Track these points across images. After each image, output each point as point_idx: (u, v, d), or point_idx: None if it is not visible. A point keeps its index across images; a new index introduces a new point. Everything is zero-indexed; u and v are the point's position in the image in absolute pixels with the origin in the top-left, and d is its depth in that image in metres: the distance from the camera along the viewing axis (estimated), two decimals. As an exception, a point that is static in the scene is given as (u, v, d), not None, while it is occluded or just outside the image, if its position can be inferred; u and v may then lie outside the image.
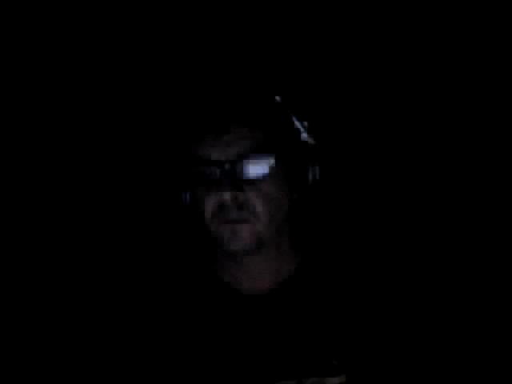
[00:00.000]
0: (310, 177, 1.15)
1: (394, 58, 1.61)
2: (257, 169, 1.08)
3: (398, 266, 1.20)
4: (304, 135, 1.15)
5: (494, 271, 1.57)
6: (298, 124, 1.15)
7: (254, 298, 1.14)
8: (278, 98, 1.14)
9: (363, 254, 1.20)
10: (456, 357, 1.20)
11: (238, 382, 1.09)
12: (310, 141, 1.16)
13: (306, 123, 1.16)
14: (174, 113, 1.17)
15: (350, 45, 1.61)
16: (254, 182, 1.08)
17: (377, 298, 1.15)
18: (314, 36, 1.60)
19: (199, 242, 1.21)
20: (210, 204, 1.09)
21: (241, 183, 1.07)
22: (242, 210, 1.08)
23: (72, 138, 1.64)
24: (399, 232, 1.58)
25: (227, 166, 1.07)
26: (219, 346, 1.12)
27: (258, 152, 1.07)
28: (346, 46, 1.61)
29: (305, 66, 1.59)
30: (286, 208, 1.12)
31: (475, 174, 1.60)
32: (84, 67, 1.63)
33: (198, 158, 1.09)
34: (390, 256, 1.22)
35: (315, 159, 1.15)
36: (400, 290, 1.17)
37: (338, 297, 1.15)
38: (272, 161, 1.08)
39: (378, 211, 1.61)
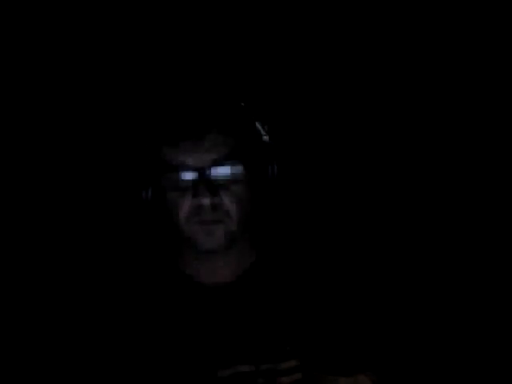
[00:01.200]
0: (269, 174, 1.22)
1: (349, 58, 1.67)
2: (229, 173, 1.14)
3: (348, 256, 1.28)
4: (265, 137, 1.21)
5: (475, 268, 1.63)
6: (259, 128, 1.21)
7: (213, 289, 1.20)
8: (242, 104, 1.20)
9: (315, 249, 1.27)
10: (396, 337, 1.27)
11: (197, 368, 1.15)
12: (270, 142, 1.22)
13: (266, 126, 1.22)
14: (149, 118, 1.20)
15: (304, 50, 1.67)
16: (226, 186, 1.15)
17: (326, 287, 1.23)
18: (271, 41, 1.66)
19: (164, 241, 1.26)
20: (185, 207, 1.15)
21: (216, 187, 1.14)
22: (216, 212, 1.14)
23: (49, 141, 1.66)
24: (353, 225, 1.66)
25: (204, 172, 1.13)
26: (179, 334, 1.17)
27: (230, 158, 1.14)
28: (301, 51, 1.67)
29: (265, 71, 1.65)
30: (250, 209, 1.19)
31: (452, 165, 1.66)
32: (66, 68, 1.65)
33: (174, 164, 1.14)
34: (339, 249, 1.29)
35: (273, 157, 1.22)
36: (344, 281, 1.25)
37: (291, 288, 1.22)
38: (242, 165, 1.15)
39: (331, 207, 1.68)
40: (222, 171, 1.14)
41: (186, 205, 1.14)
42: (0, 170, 1.64)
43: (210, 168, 1.13)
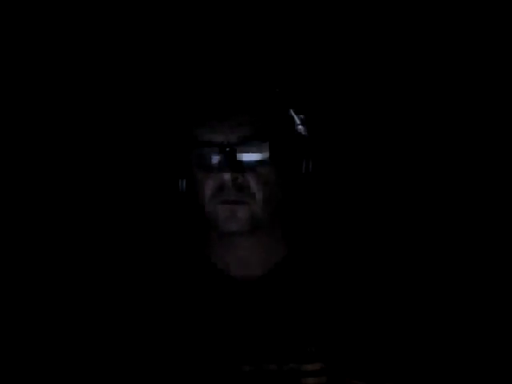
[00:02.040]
0: (303, 169, 1.18)
1: (392, 57, 1.62)
2: (256, 154, 1.11)
3: (385, 259, 1.22)
4: (300, 127, 1.17)
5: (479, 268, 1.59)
6: (294, 116, 1.17)
7: (242, 283, 1.17)
8: (277, 90, 1.17)
9: (351, 247, 1.23)
10: (435, 347, 1.22)
11: (220, 361, 1.12)
12: (305, 133, 1.18)
13: (302, 116, 1.18)
14: (178, 97, 1.19)
15: (349, 43, 1.62)
16: (252, 166, 1.12)
17: (361, 289, 1.17)
18: (315, 33, 1.61)
19: (192, 226, 1.23)
20: (209, 185, 1.12)
21: (241, 166, 1.11)
22: (240, 192, 1.11)
23: (69, 120, 1.64)
24: (389, 226, 1.60)
25: (229, 149, 1.10)
26: (206, 329, 1.15)
27: (257, 138, 1.11)
28: (345, 44, 1.62)
29: (305, 62, 1.61)
30: (280, 194, 1.16)
31: (476, 169, 1.62)
32: (83, 49, 1.62)
33: (201, 141, 1.12)
34: (379, 249, 1.24)
35: (309, 151, 1.18)
36: (384, 282, 1.19)
37: (322, 286, 1.17)
38: (270, 147, 1.11)
39: (368, 205, 1.63)
40: (248, 150, 1.11)
41: (210, 183, 1.12)
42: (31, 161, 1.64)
43: (235, 146, 1.11)
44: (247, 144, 1.11)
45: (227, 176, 1.10)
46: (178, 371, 1.14)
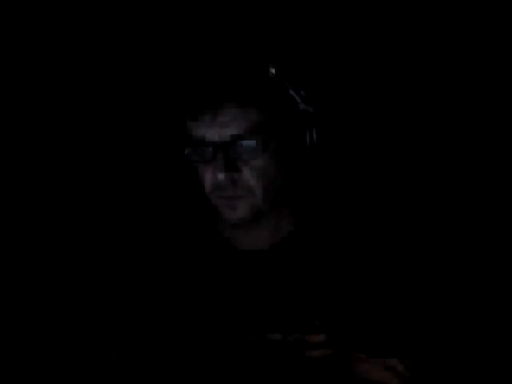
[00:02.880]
0: (308, 141, 1.17)
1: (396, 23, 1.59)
2: (251, 148, 1.09)
3: (390, 232, 1.22)
4: (301, 105, 1.16)
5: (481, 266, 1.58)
6: (294, 95, 1.15)
7: (251, 253, 1.19)
8: (272, 69, 1.14)
9: (358, 217, 1.23)
10: (436, 324, 1.21)
11: (224, 330, 1.15)
12: (307, 109, 1.16)
13: (302, 92, 1.16)
14: (171, 93, 1.18)
15: (346, 7, 1.59)
16: (248, 161, 1.10)
17: (366, 263, 1.18)
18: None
19: (204, 205, 1.24)
20: (207, 181, 1.13)
21: (235, 163, 1.10)
22: (237, 187, 1.11)
23: (64, 118, 1.65)
24: (394, 199, 1.59)
25: (221, 147, 1.09)
26: (213, 297, 1.17)
27: (251, 133, 1.09)
28: (341, 8, 1.59)
29: (298, 34, 1.57)
30: (281, 180, 1.15)
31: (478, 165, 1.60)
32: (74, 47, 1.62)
33: (194, 138, 1.11)
34: (385, 222, 1.23)
35: (312, 124, 1.17)
36: (389, 257, 1.19)
37: (327, 260, 1.18)
38: (266, 139, 1.10)
39: (374, 175, 1.62)
40: (242, 147, 1.09)
41: (208, 178, 1.12)
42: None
43: (228, 143, 1.09)
44: (241, 140, 1.09)
45: (221, 175, 1.09)
46: (184, 338, 1.16)
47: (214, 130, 1.09)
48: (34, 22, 1.60)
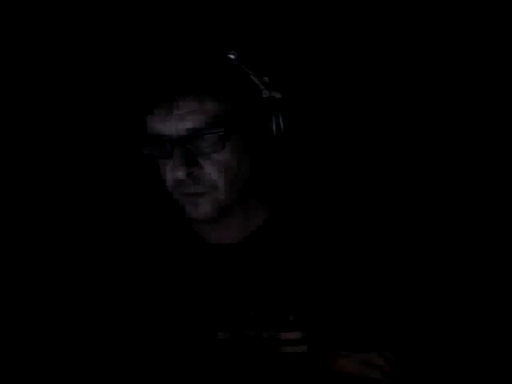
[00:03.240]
0: (274, 129, 1.12)
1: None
2: (210, 142, 1.04)
3: (363, 222, 1.18)
4: (265, 91, 1.11)
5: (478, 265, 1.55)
6: (257, 81, 1.10)
7: (221, 247, 1.14)
8: (232, 56, 1.09)
9: (328, 208, 1.19)
10: (415, 316, 1.18)
11: (198, 327, 1.11)
12: (272, 95, 1.11)
13: (266, 78, 1.12)
14: (125, 86, 1.14)
15: None
16: (208, 155, 1.05)
17: (342, 255, 1.14)
18: None
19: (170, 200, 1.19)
20: (168, 178, 1.08)
21: (194, 158, 1.05)
22: (198, 184, 1.06)
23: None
24: (367, 188, 1.56)
25: (179, 142, 1.03)
26: (184, 293, 1.13)
27: (210, 126, 1.03)
28: None
29: (259, 16, 1.51)
30: (247, 172, 1.11)
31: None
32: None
33: (151, 133, 1.06)
34: (354, 212, 1.19)
35: (278, 111, 1.12)
36: (366, 247, 1.15)
37: (301, 252, 1.14)
38: (227, 132, 1.04)
39: (345, 162, 1.58)
40: (202, 141, 1.04)
41: (169, 174, 1.07)
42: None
43: (186, 138, 1.03)
44: (199, 134, 1.03)
45: (180, 172, 1.03)
46: (157, 335, 1.13)
47: (171, 124, 1.03)
48: (27, 22, 1.58)
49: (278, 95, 1.13)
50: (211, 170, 1.05)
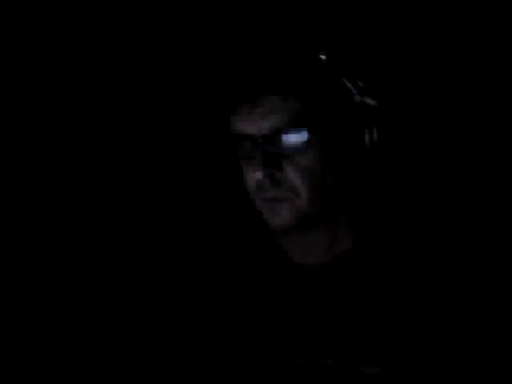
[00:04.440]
0: (367, 140, 1.05)
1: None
2: (293, 142, 1.00)
3: (459, 258, 1.07)
4: (357, 97, 1.04)
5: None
6: (349, 85, 1.03)
7: (303, 267, 1.09)
8: (323, 56, 1.03)
9: (424, 236, 1.10)
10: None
11: (277, 351, 1.06)
12: (366, 101, 1.05)
13: (360, 83, 1.04)
14: (212, 85, 1.10)
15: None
16: (291, 157, 1.01)
17: (426, 290, 1.04)
18: None
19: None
20: (250, 180, 1.05)
21: (276, 159, 1.01)
22: (279, 188, 1.01)
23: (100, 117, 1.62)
24: (468, 212, 1.44)
25: (260, 141, 1.00)
26: (263, 311, 1.09)
27: (293, 125, 0.99)
28: None
29: (355, 17, 1.44)
30: (332, 181, 1.04)
31: None
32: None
33: (233, 133, 1.04)
34: (453, 244, 1.10)
35: (372, 121, 1.06)
36: (458, 286, 1.04)
37: (389, 282, 1.05)
38: (310, 133, 0.99)
39: (444, 182, 1.47)
40: (284, 141, 0.99)
41: (251, 176, 1.04)
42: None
43: (267, 137, 1.00)
44: (282, 133, 0.99)
45: (259, 173, 1.01)
46: (232, 355, 1.10)
47: (253, 123, 1.00)
48: (33, 23, 1.58)
49: (373, 102, 1.06)
50: (293, 174, 1.01)
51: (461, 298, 1.04)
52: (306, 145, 1.00)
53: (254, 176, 1.02)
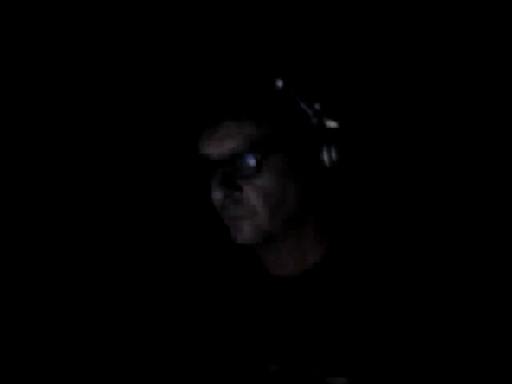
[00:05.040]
0: (326, 159, 1.09)
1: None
2: (249, 165, 1.04)
3: (424, 262, 1.10)
4: (314, 119, 1.08)
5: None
6: (305, 108, 1.07)
7: (278, 279, 1.13)
8: (279, 82, 1.07)
9: (390, 244, 1.13)
10: (462, 362, 1.07)
11: (251, 358, 1.10)
12: (323, 123, 1.08)
13: (316, 105, 1.08)
14: (176, 110, 1.14)
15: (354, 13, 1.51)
16: (249, 178, 1.04)
17: (396, 298, 1.06)
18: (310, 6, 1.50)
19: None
20: (214, 199, 1.09)
21: (235, 180, 1.04)
22: (238, 207, 1.05)
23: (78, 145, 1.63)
24: (430, 219, 1.49)
25: (219, 163, 1.05)
26: (238, 320, 1.13)
27: (249, 148, 1.03)
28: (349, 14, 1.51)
29: (312, 44, 1.48)
30: (293, 200, 1.07)
31: None
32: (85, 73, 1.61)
33: (200, 155, 1.08)
34: (419, 250, 1.13)
35: (330, 140, 1.09)
36: (425, 291, 1.07)
37: (357, 292, 1.08)
38: (266, 156, 1.04)
39: (407, 193, 1.51)
40: (241, 163, 1.04)
41: (216, 195, 1.07)
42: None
43: (225, 159, 1.04)
44: (239, 156, 1.04)
45: (219, 193, 1.05)
46: (207, 361, 1.13)
47: (213, 146, 1.05)
48: (35, 24, 1.59)
49: (331, 123, 1.10)
50: (250, 194, 1.05)
51: (431, 308, 1.06)
52: (263, 166, 1.03)
53: (216, 195, 1.06)
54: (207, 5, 1.48)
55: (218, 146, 1.04)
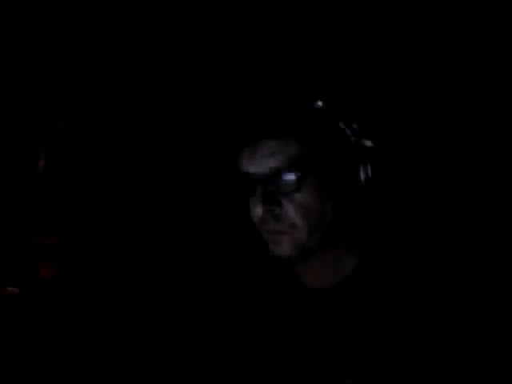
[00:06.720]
0: (362, 177, 1.13)
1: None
2: (290, 182, 1.08)
3: (459, 274, 1.13)
4: (353, 139, 1.12)
5: None
6: (344, 128, 1.11)
7: (312, 291, 1.16)
8: (319, 104, 1.11)
9: (421, 256, 1.16)
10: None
11: (282, 369, 1.13)
12: (360, 142, 1.12)
13: (355, 125, 1.12)
14: (217, 129, 1.18)
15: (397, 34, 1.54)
16: (289, 195, 1.08)
17: (425, 309, 1.09)
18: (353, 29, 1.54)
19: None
20: (254, 215, 1.12)
21: (275, 196, 1.08)
22: (279, 222, 1.09)
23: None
24: (463, 232, 1.51)
25: (260, 180, 1.08)
26: (272, 331, 1.17)
27: (290, 167, 1.07)
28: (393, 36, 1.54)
29: (353, 66, 1.52)
30: (330, 215, 1.11)
31: None
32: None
33: (241, 172, 1.12)
34: (451, 262, 1.15)
35: (366, 159, 1.13)
36: (458, 303, 1.10)
37: (387, 303, 1.12)
38: (306, 173, 1.08)
39: (437, 210, 1.54)
40: (282, 180, 1.08)
41: (256, 212, 1.11)
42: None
43: (267, 176, 1.08)
44: (280, 173, 1.07)
45: (259, 209, 1.09)
46: (243, 371, 1.17)
47: (254, 164, 1.09)
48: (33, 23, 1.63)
49: (368, 143, 1.13)
50: (291, 210, 1.09)
51: (460, 320, 1.08)
52: (303, 184, 1.08)
53: (257, 211, 1.10)
54: (253, 23, 1.51)
55: (259, 165, 1.08)
